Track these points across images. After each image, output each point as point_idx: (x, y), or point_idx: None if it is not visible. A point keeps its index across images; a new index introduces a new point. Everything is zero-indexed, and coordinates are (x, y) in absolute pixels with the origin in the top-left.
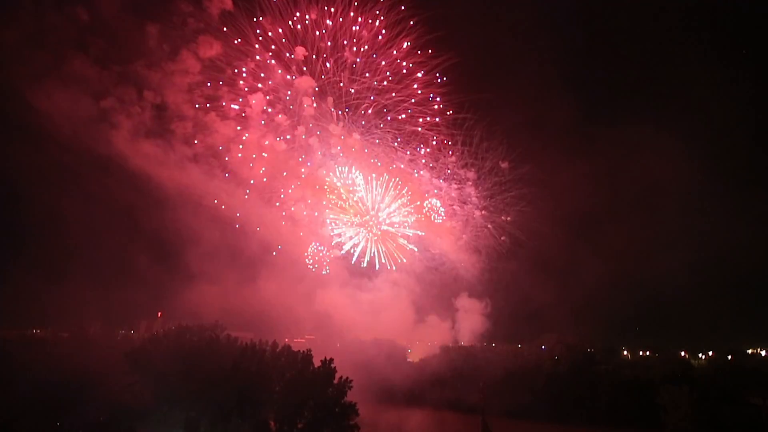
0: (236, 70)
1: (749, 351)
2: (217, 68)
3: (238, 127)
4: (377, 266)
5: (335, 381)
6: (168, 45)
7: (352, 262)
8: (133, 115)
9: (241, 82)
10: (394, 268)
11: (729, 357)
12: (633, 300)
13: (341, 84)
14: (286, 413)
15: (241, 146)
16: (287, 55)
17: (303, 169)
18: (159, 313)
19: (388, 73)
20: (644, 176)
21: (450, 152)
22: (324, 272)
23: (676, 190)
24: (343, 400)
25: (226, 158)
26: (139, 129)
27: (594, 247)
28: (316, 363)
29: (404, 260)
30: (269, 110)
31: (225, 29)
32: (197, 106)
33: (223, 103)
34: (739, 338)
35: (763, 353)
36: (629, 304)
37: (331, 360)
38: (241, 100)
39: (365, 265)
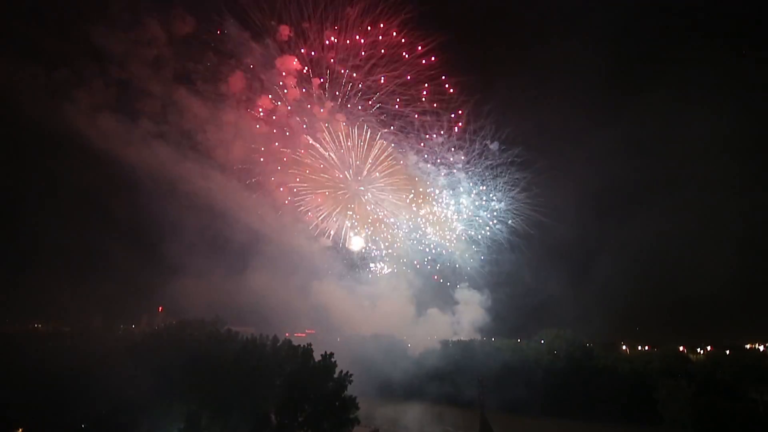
0: (212, 47)
1: (747, 346)
2: (191, 45)
3: (220, 108)
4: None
5: (335, 375)
6: (130, 13)
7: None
8: (95, 91)
9: (215, 59)
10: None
11: (727, 352)
12: (633, 295)
13: (326, 64)
14: (287, 407)
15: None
16: (271, 34)
17: (286, 149)
18: (160, 308)
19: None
20: (649, 164)
21: (437, 134)
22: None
23: (684, 181)
24: (343, 394)
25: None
26: (103, 105)
27: (592, 241)
28: (317, 357)
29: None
30: (252, 89)
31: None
32: (167, 83)
33: (198, 82)
34: (737, 333)
35: (762, 348)
36: (629, 300)
37: (332, 354)
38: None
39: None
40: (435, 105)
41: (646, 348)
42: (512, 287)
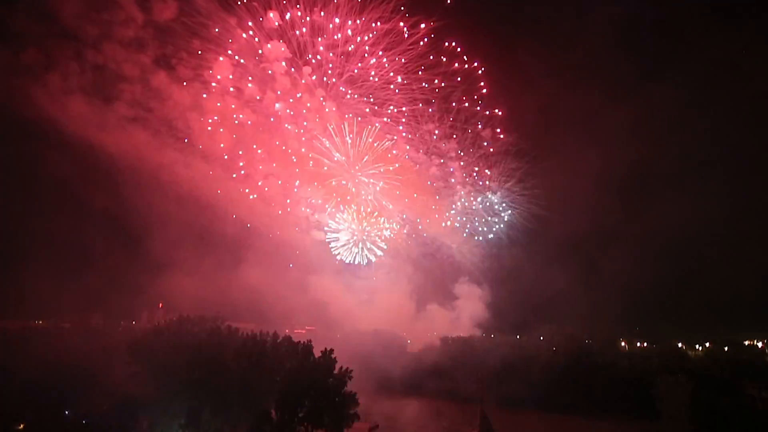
0: (196, 32)
1: (746, 342)
2: (173, 30)
3: (204, 95)
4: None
5: (336, 371)
6: None
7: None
8: (69, 74)
9: (199, 44)
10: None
11: (725, 348)
12: (633, 292)
13: (315, 51)
14: (287, 402)
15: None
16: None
17: (274, 139)
18: (160, 304)
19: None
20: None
21: (429, 121)
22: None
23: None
24: (343, 390)
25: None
26: (79, 89)
27: (591, 235)
28: (317, 353)
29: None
30: (237, 77)
31: None
32: (148, 68)
33: (179, 67)
34: (736, 330)
35: (760, 345)
36: (629, 297)
37: (332, 350)
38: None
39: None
40: (426, 88)
41: (645, 344)
42: (513, 283)
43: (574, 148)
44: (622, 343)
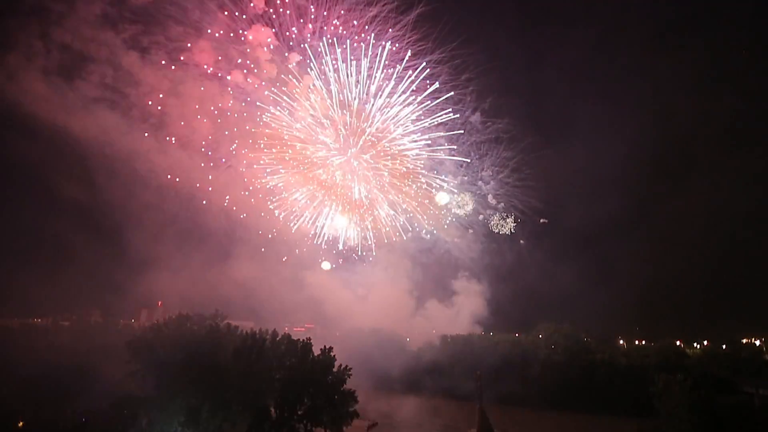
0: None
1: (744, 340)
2: (149, 12)
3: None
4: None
5: (334, 369)
6: None
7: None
8: (33, 54)
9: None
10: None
11: (723, 346)
12: (630, 290)
13: (302, 38)
14: (287, 400)
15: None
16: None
17: (259, 128)
18: (159, 303)
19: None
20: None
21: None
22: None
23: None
24: (343, 388)
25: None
26: (45, 71)
27: (589, 232)
28: (316, 351)
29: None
30: (219, 63)
31: None
32: (123, 51)
33: (153, 49)
34: (734, 328)
35: (758, 343)
36: (626, 295)
37: (331, 348)
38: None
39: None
40: (415, 74)
41: (643, 342)
42: (512, 280)
43: (569, 134)
44: (621, 341)
